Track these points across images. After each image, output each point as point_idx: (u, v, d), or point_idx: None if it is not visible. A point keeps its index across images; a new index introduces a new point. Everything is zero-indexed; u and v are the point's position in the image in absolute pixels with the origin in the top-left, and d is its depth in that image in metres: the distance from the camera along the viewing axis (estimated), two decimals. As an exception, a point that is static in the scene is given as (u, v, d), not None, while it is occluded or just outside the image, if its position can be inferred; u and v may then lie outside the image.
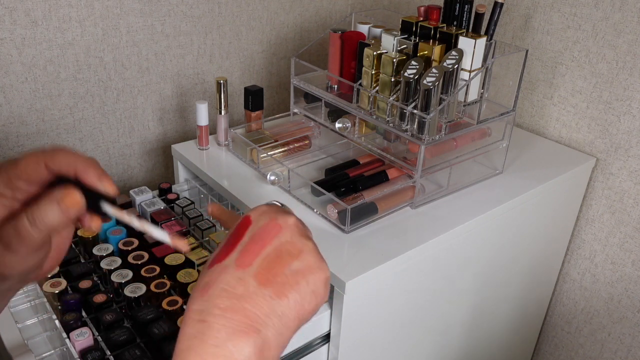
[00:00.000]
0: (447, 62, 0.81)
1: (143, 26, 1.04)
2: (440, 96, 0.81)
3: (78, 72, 1.00)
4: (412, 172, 0.84)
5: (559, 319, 1.20)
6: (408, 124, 0.83)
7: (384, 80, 0.85)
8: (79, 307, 0.73)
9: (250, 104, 1.00)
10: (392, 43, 0.87)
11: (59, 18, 0.95)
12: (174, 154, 1.01)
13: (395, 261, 0.74)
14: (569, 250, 1.13)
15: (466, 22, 0.85)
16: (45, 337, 0.71)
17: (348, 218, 0.77)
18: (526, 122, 1.13)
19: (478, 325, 1.00)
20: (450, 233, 0.80)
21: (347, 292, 0.70)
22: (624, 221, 1.02)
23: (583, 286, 1.13)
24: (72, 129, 1.04)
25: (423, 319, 0.87)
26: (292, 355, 0.74)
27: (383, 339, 0.82)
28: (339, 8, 1.32)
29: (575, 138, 1.06)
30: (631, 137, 0.98)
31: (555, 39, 1.03)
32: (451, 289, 0.89)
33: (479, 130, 0.90)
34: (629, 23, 0.93)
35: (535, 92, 1.09)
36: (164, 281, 0.76)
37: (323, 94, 0.95)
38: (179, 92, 1.15)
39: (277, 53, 1.26)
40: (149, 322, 0.70)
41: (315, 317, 0.73)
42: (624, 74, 0.96)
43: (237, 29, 1.17)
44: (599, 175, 1.04)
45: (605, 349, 1.13)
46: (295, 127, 1.02)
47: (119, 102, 1.08)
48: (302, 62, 0.98)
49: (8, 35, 0.91)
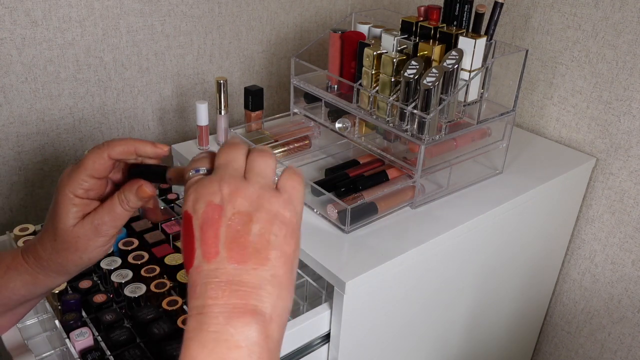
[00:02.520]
0: (447, 62, 0.81)
1: (143, 26, 1.04)
2: (440, 96, 0.81)
3: (78, 72, 1.00)
4: (412, 172, 0.84)
5: (559, 319, 1.20)
6: (408, 124, 0.83)
7: (384, 80, 0.85)
8: (79, 307, 0.73)
9: (250, 104, 1.00)
10: (392, 43, 0.87)
11: (59, 18, 0.95)
12: (174, 154, 1.01)
13: (395, 261, 0.74)
14: (569, 250, 1.13)
15: (466, 22, 0.85)
16: (45, 337, 0.71)
17: (348, 218, 0.77)
18: (526, 122, 1.13)
19: (478, 325, 1.00)
20: (450, 233, 0.80)
21: (347, 292, 0.70)
22: (624, 221, 1.02)
23: (583, 286, 1.13)
24: (72, 129, 1.04)
25: (423, 318, 0.87)
26: (292, 355, 0.74)
27: (383, 339, 0.82)
28: (339, 8, 1.32)
29: (575, 138, 1.06)
30: (631, 137, 0.98)
31: (555, 39, 1.03)
32: (451, 288, 0.89)
33: (479, 130, 0.90)
34: (629, 23, 0.93)
35: (535, 92, 1.09)
36: (164, 281, 0.76)
37: (323, 94, 0.95)
38: (179, 92, 1.15)
39: (277, 53, 1.26)
40: (149, 322, 0.70)
41: (315, 317, 0.73)
42: (624, 74, 0.96)
43: (237, 29, 1.17)
44: (599, 175, 1.04)
45: (605, 349, 1.13)
46: (295, 127, 1.02)
47: (119, 102, 1.08)
48: (302, 62, 0.98)
49: (8, 35, 0.91)
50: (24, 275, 0.53)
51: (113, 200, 0.51)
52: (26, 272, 0.53)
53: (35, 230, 0.84)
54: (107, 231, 0.52)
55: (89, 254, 0.52)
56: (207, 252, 0.39)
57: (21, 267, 0.53)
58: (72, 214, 0.51)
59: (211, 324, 0.37)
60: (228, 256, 0.39)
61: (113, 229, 0.52)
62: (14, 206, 1.04)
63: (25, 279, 0.53)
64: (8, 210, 1.03)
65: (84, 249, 0.51)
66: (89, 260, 0.53)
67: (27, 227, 0.85)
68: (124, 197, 0.51)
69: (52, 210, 0.52)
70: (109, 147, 0.50)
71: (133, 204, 0.52)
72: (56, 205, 0.51)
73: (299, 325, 0.71)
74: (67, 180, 0.51)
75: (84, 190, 0.51)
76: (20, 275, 0.53)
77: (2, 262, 0.54)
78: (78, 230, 0.51)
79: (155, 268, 0.79)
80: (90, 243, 0.51)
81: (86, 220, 0.51)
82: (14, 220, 1.04)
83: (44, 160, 1.03)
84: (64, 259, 0.52)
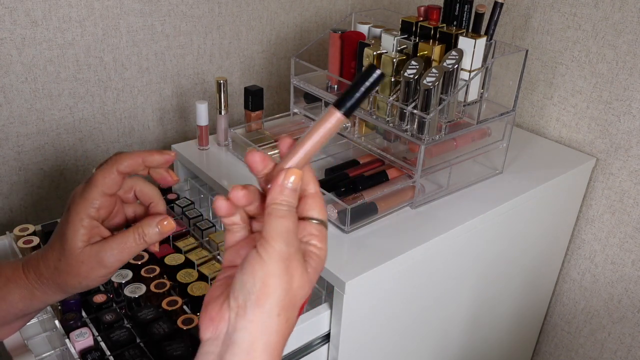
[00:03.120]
0: (447, 62, 0.81)
1: (143, 26, 1.04)
2: (440, 96, 0.81)
3: (78, 72, 1.00)
4: (412, 172, 0.84)
5: (559, 319, 1.20)
6: (408, 124, 0.83)
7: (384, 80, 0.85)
8: (78, 307, 0.73)
9: (250, 104, 1.00)
10: (392, 43, 0.87)
11: (59, 18, 0.95)
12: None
13: (395, 261, 0.74)
14: (569, 250, 1.13)
15: (466, 22, 0.85)
16: (45, 337, 0.71)
17: (348, 218, 0.77)
18: (526, 122, 1.13)
19: (478, 325, 1.00)
20: (450, 233, 0.80)
21: (347, 292, 0.70)
22: (624, 221, 1.02)
23: (583, 286, 1.13)
24: (72, 129, 1.04)
25: (423, 318, 0.87)
26: (292, 355, 0.74)
27: (383, 339, 0.82)
28: (339, 8, 1.32)
29: (575, 138, 1.06)
30: (631, 137, 0.98)
31: (555, 39, 1.03)
32: (451, 288, 0.89)
33: (479, 130, 0.90)
34: (629, 23, 0.93)
35: (535, 92, 1.09)
36: (164, 281, 0.76)
37: (323, 94, 0.95)
38: (179, 92, 1.15)
39: (277, 53, 1.26)
40: (149, 322, 0.70)
41: (315, 317, 0.73)
42: (624, 74, 0.96)
43: (237, 29, 1.17)
44: (599, 175, 1.04)
45: (605, 349, 1.13)
46: (295, 127, 1.02)
47: (119, 102, 1.08)
48: (302, 62, 0.98)
49: (8, 35, 0.91)
50: (22, 289, 0.53)
51: (126, 233, 0.51)
52: (24, 287, 0.53)
53: (35, 231, 0.84)
54: (112, 264, 0.51)
55: (88, 282, 0.52)
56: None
57: (20, 281, 0.53)
58: (80, 235, 0.50)
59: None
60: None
61: (118, 262, 0.51)
62: (14, 206, 1.04)
63: (23, 293, 0.53)
64: (8, 210, 1.03)
65: (85, 275, 0.51)
66: (87, 286, 0.52)
67: (27, 227, 0.85)
68: (142, 231, 0.51)
69: (61, 229, 0.51)
70: (117, 161, 0.50)
71: (151, 238, 0.51)
72: (67, 224, 0.51)
73: (299, 325, 0.71)
74: (79, 200, 0.50)
75: (95, 209, 0.50)
76: (19, 289, 0.53)
77: (2, 274, 0.53)
78: (83, 255, 0.50)
79: (155, 268, 0.79)
80: (93, 272, 0.51)
81: (94, 247, 0.51)
82: (14, 220, 1.04)
83: (44, 160, 1.03)
84: (63, 281, 0.51)
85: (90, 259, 0.50)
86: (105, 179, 0.50)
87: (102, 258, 0.50)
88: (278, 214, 0.41)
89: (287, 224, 0.41)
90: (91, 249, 0.50)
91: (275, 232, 0.40)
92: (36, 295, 0.53)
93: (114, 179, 0.51)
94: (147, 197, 0.55)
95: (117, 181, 0.51)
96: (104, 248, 0.50)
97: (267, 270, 0.39)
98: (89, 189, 0.50)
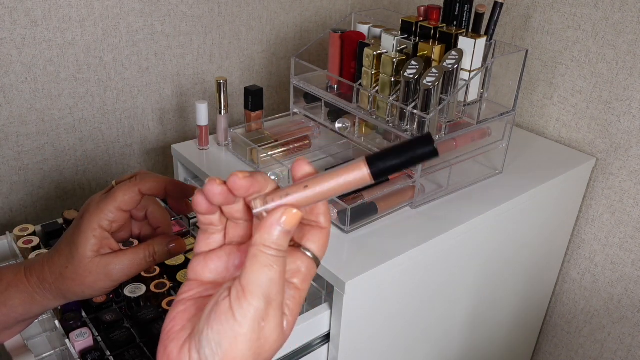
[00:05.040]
0: (447, 62, 0.81)
1: (143, 26, 1.04)
2: (440, 96, 0.81)
3: (78, 72, 1.00)
4: (412, 172, 0.84)
5: (559, 319, 1.20)
6: (408, 124, 0.83)
7: (383, 80, 0.85)
8: (78, 307, 0.73)
9: (250, 104, 0.99)
10: (392, 43, 0.87)
11: (59, 18, 0.95)
12: (174, 154, 1.01)
13: (395, 261, 0.74)
14: (569, 250, 1.13)
15: (466, 22, 0.85)
16: (45, 337, 0.71)
17: (348, 218, 0.77)
18: (526, 122, 1.13)
19: (478, 325, 1.00)
20: (450, 233, 0.80)
21: (347, 292, 0.70)
22: (624, 221, 1.02)
23: (583, 286, 1.13)
24: (72, 129, 1.04)
25: (423, 318, 0.87)
26: (292, 355, 0.74)
27: (383, 339, 0.82)
28: (339, 8, 1.32)
29: (575, 138, 1.06)
30: (631, 137, 0.98)
31: (555, 39, 1.03)
32: (451, 288, 0.89)
33: (479, 130, 0.90)
34: (629, 23, 0.93)
35: (535, 92, 1.09)
36: (164, 281, 0.76)
37: (323, 94, 0.95)
38: (179, 92, 1.15)
39: (277, 53, 1.26)
40: (149, 322, 0.70)
41: (315, 317, 0.73)
42: (624, 74, 0.96)
43: (237, 29, 1.17)
44: (599, 175, 1.04)
45: (605, 349, 1.13)
46: (295, 127, 1.02)
47: (119, 102, 1.08)
48: (302, 62, 0.98)
49: (8, 35, 0.91)
50: (23, 294, 0.52)
51: (137, 250, 0.51)
52: (25, 291, 0.52)
53: (35, 231, 0.84)
54: (119, 278, 0.51)
55: (91, 292, 0.52)
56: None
57: (21, 285, 0.52)
58: (90, 245, 0.50)
59: None
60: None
61: (125, 276, 0.51)
62: (14, 206, 1.04)
63: (23, 298, 0.53)
64: (8, 210, 1.03)
65: (90, 285, 0.51)
66: (90, 295, 0.52)
67: (27, 227, 0.85)
68: (154, 250, 0.52)
69: (72, 237, 0.51)
70: (141, 182, 0.51)
71: (160, 257, 0.52)
72: (79, 232, 0.50)
73: (299, 325, 0.71)
74: (94, 210, 0.50)
75: (109, 222, 0.50)
76: (20, 293, 0.53)
77: (4, 279, 0.53)
78: (92, 266, 0.50)
79: (155, 268, 0.79)
80: (98, 283, 0.51)
81: (103, 259, 0.50)
82: (14, 220, 1.04)
83: (44, 160, 1.03)
84: (66, 288, 0.51)
85: (98, 270, 0.50)
86: (125, 196, 0.50)
87: (110, 271, 0.50)
88: (263, 262, 0.35)
89: (272, 275, 0.35)
90: (100, 261, 0.50)
91: (255, 284, 0.35)
92: (36, 300, 0.53)
93: (134, 198, 0.51)
94: (157, 221, 0.55)
95: (136, 200, 0.51)
96: (114, 261, 0.51)
97: (237, 331, 0.34)
98: (107, 201, 0.50)
